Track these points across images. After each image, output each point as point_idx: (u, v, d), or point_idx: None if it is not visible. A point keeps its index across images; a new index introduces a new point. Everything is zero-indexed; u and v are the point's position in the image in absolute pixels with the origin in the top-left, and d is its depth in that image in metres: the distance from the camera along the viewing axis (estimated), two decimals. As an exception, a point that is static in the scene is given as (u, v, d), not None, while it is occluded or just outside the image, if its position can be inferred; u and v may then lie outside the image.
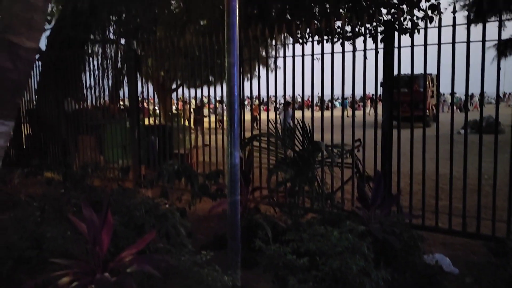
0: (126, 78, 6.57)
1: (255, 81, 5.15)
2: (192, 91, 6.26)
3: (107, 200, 3.00)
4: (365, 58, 4.41)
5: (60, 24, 6.38)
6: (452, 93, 3.90)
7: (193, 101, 8.27)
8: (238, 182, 2.80)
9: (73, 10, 6.25)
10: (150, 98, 7.94)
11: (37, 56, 6.05)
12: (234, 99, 2.75)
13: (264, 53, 5.58)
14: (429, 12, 6.53)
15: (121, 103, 8.04)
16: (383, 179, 3.70)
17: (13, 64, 2.24)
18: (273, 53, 11.18)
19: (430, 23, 5.46)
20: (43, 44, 7.18)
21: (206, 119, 8.70)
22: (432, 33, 4.30)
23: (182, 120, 6.81)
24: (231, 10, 2.62)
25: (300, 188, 4.08)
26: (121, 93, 7.81)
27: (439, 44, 3.89)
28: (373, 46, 4.31)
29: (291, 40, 5.15)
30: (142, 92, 6.68)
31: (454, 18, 3.81)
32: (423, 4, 6.76)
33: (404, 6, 6.90)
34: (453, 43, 3.80)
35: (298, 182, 4.04)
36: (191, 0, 8.85)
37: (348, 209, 4.06)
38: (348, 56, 4.44)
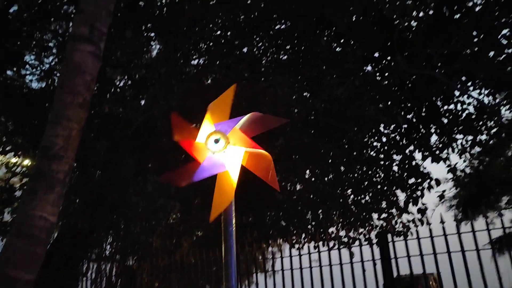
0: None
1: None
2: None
3: None
4: (363, 269, 4.40)
5: (56, 244, 6.48)
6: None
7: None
8: None
9: (73, 230, 6.45)
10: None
11: None
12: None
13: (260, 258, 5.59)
14: (419, 215, 6.84)
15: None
16: None
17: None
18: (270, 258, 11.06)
19: (422, 225, 5.64)
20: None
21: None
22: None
23: None
24: (228, 221, 2.53)
25: None
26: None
27: (434, 253, 4.01)
28: (370, 250, 4.38)
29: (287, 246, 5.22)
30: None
31: (443, 229, 4.02)
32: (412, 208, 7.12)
33: (394, 210, 7.23)
34: (448, 252, 3.93)
35: None
36: (187, 211, 9.27)
37: None
38: (346, 262, 4.48)
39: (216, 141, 2.17)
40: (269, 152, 2.11)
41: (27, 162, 7.61)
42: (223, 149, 2.16)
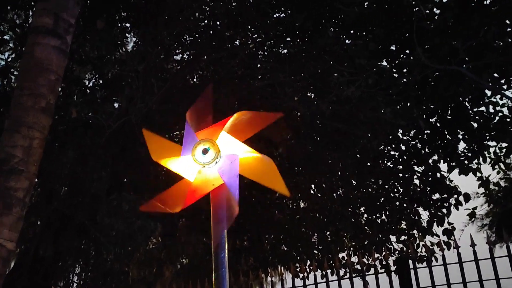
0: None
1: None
2: None
3: None
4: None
5: (13, 275, 6.43)
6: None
7: None
8: None
9: (33, 258, 6.41)
10: None
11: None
12: None
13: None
14: (445, 237, 6.84)
15: None
16: None
17: None
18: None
19: (448, 249, 5.65)
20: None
21: None
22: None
23: None
24: (220, 246, 2.49)
25: None
26: None
27: (464, 282, 4.00)
28: (388, 279, 4.39)
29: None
30: None
31: (474, 253, 4.02)
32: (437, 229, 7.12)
33: (415, 232, 7.22)
34: (480, 281, 3.92)
35: None
36: (170, 234, 9.24)
37: None
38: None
39: (205, 151, 2.16)
40: None
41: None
42: (214, 160, 2.15)
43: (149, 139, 2.35)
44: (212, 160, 2.15)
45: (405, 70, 6.80)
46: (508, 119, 6.90)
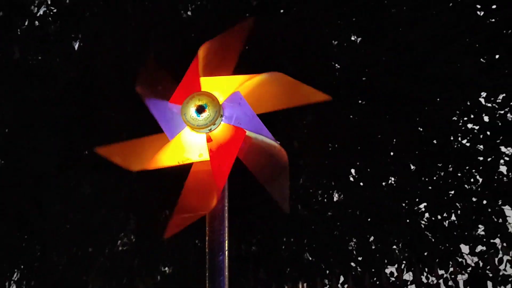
0: None
1: None
2: None
3: None
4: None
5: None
6: None
7: None
8: None
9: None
10: None
11: None
12: None
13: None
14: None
15: None
16: None
17: None
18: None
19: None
20: None
21: None
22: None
23: None
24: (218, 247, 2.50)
25: None
26: None
27: None
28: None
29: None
30: None
31: None
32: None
33: (498, 240, 7.13)
34: None
35: None
36: (147, 231, 9.22)
37: None
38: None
39: (200, 109, 2.14)
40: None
41: None
42: (207, 126, 2.14)
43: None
44: (206, 125, 2.15)
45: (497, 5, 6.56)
46: None
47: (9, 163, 6.61)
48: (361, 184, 8.04)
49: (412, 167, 7.55)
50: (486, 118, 7.22)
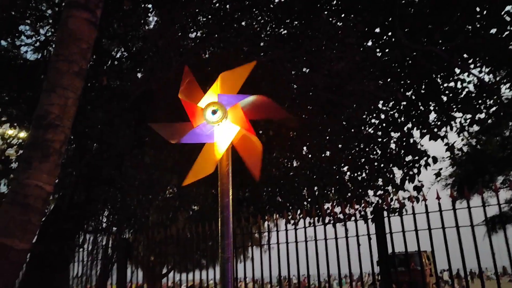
0: (116, 266, 6.38)
1: (249, 263, 5.10)
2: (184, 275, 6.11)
3: None
4: (358, 244, 4.45)
5: (52, 216, 6.49)
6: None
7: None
8: None
9: (69, 202, 6.44)
10: (138, 284, 7.59)
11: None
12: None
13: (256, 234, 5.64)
14: (415, 192, 6.87)
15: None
16: None
17: (1, 268, 2.17)
18: (266, 234, 11.20)
19: (417, 202, 5.68)
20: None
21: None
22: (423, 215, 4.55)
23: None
24: (225, 192, 2.33)
25: None
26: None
27: (429, 229, 4.05)
28: (365, 226, 4.43)
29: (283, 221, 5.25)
30: (131, 279, 6.46)
31: (439, 205, 4.04)
32: (408, 186, 7.15)
33: (390, 187, 7.26)
34: (443, 228, 3.98)
35: None
36: (183, 187, 9.29)
37: None
38: (342, 236, 4.53)
39: (214, 112, 2.13)
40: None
41: (23, 134, 7.55)
42: (218, 122, 2.12)
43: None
44: (216, 121, 2.12)
45: (387, 50, 6.68)
46: (473, 94, 6.85)
47: (102, 145, 6.58)
48: (310, 155, 8.14)
49: (340, 145, 7.53)
50: (382, 116, 7.38)
